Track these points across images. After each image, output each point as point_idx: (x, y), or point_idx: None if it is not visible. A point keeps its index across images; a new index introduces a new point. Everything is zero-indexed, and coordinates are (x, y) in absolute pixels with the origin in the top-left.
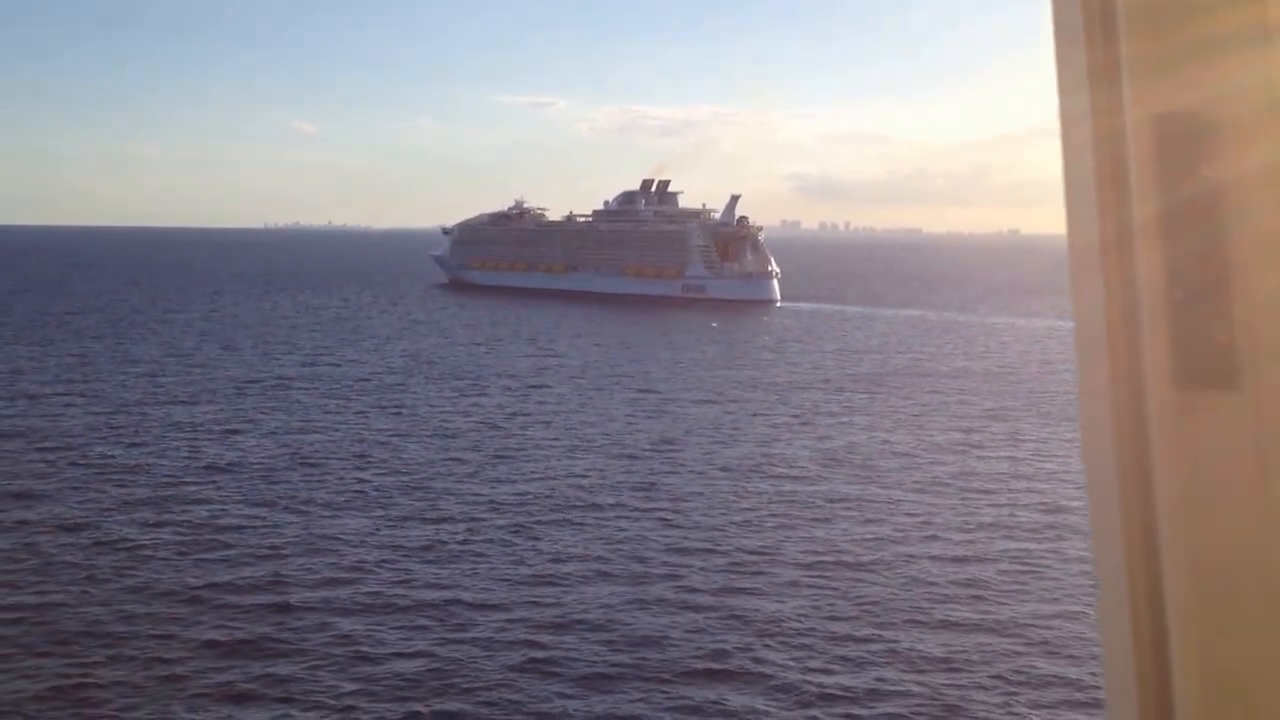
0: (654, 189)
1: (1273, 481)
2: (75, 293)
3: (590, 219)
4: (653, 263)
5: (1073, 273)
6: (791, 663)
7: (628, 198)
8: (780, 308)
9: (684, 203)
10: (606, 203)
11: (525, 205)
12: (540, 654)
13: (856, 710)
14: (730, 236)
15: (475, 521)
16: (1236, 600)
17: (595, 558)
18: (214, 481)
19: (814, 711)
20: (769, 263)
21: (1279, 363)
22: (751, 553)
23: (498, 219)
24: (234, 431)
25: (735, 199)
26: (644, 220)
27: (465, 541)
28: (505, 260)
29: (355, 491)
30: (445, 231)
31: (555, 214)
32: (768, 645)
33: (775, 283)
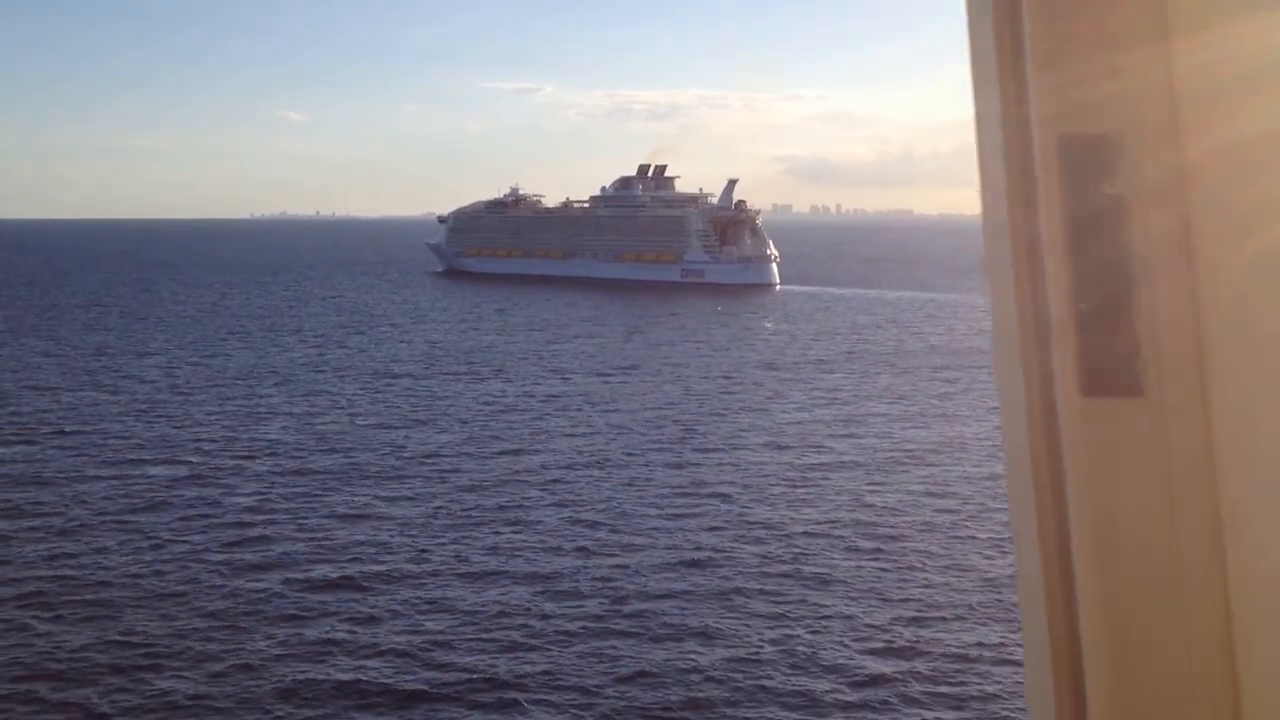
0: (650, 174)
1: (1175, 487)
2: (77, 286)
3: (587, 205)
4: (651, 248)
5: (988, 281)
6: (861, 619)
7: (624, 183)
8: (780, 291)
9: (680, 187)
10: (603, 188)
11: (521, 192)
12: (606, 624)
13: (932, 667)
14: (729, 220)
15: (520, 499)
16: (1143, 603)
17: (643, 531)
18: (249, 467)
19: (887, 667)
20: (768, 246)
21: (1179, 371)
22: (797, 525)
23: (494, 206)
24: (262, 419)
25: (733, 183)
26: (642, 205)
27: (515, 519)
28: (503, 247)
29: (395, 475)
30: (441, 220)
31: (549, 200)
32: (835, 608)
33: (775, 266)
